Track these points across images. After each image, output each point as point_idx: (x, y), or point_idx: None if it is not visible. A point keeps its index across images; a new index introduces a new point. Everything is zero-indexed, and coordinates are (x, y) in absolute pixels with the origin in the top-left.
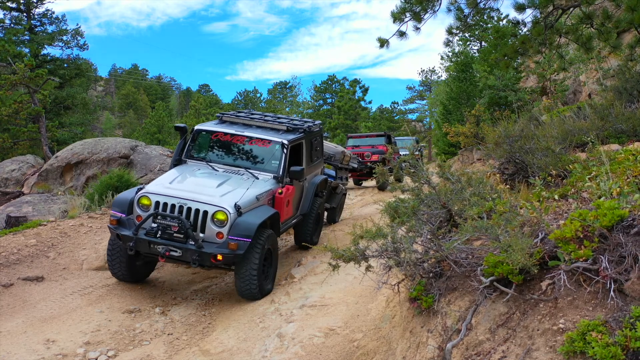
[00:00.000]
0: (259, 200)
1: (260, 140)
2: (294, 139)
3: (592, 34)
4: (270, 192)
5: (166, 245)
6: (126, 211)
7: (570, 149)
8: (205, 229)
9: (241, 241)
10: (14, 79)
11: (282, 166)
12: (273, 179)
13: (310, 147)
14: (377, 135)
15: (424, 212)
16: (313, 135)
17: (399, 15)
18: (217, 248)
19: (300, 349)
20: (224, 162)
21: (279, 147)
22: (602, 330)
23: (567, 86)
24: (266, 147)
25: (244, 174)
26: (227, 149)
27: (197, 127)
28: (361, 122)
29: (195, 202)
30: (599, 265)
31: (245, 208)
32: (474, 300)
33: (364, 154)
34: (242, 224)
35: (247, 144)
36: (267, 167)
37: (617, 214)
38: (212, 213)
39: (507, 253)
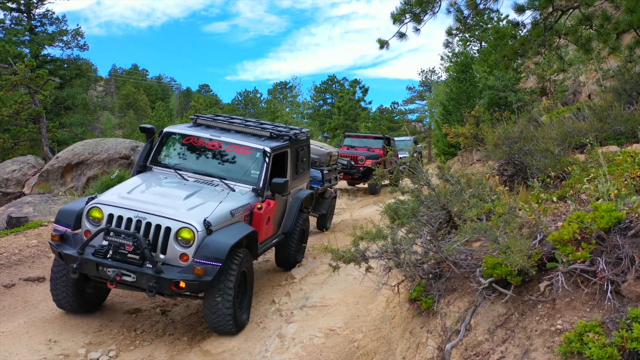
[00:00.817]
0: (233, 216)
1: (239, 146)
2: (278, 146)
3: (591, 35)
4: (248, 207)
5: (117, 269)
6: (72, 225)
7: (569, 150)
8: (167, 250)
9: (209, 265)
10: (14, 80)
11: (263, 177)
12: (252, 192)
13: (296, 158)
14: (375, 137)
15: (423, 214)
16: (299, 144)
17: (399, 16)
18: (180, 273)
19: (300, 349)
20: (196, 171)
21: (260, 155)
22: (599, 331)
23: (567, 87)
24: (245, 155)
25: (218, 185)
26: (200, 156)
27: (167, 130)
28: (361, 122)
29: (156, 216)
30: (597, 266)
31: (216, 225)
32: (473, 301)
33: (357, 157)
34: (211, 245)
35: (223, 151)
36: (245, 177)
37: (615, 216)
38: (176, 230)
39: (505, 254)
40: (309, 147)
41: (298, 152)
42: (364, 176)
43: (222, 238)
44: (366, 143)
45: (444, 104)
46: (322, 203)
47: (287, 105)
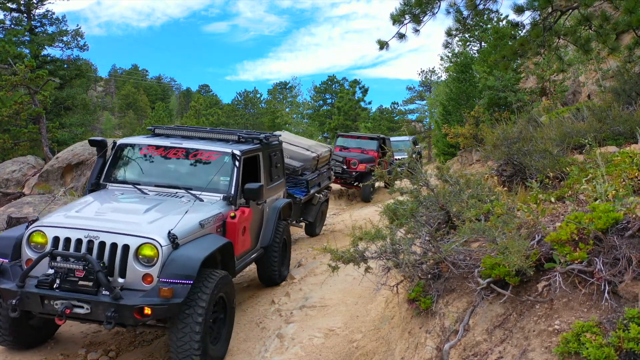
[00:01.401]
0: (203, 227)
1: (203, 152)
2: (249, 150)
3: (590, 36)
4: (220, 216)
5: (67, 300)
6: (10, 255)
7: (568, 151)
8: (127, 271)
9: (178, 285)
10: (14, 80)
11: (235, 183)
12: (223, 201)
13: (270, 163)
14: (370, 139)
15: (422, 214)
16: (272, 149)
17: (398, 17)
18: (144, 298)
19: (300, 350)
20: (158, 184)
21: (229, 159)
22: (596, 332)
23: (567, 87)
24: (212, 161)
25: (184, 197)
26: (160, 167)
27: (121, 142)
28: (361, 122)
29: (111, 233)
30: (594, 267)
31: (183, 238)
32: (471, 302)
33: (350, 161)
34: (179, 260)
35: (187, 159)
36: (214, 186)
37: (612, 216)
38: (136, 247)
39: (504, 255)
40: (282, 153)
41: (271, 157)
42: (357, 181)
43: (191, 252)
44: (360, 144)
45: (444, 104)
46: (310, 210)
47: (287, 106)
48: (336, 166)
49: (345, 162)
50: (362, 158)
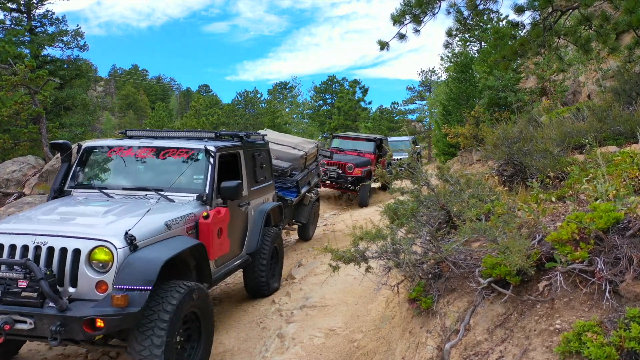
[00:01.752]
0: (170, 228)
1: (175, 150)
2: (225, 147)
3: (590, 36)
4: (191, 217)
5: (7, 314)
6: None
7: (569, 150)
8: (79, 279)
9: (135, 291)
10: (14, 80)
11: (209, 181)
12: (196, 201)
13: (253, 162)
14: (367, 140)
15: (423, 214)
16: (255, 148)
17: (399, 17)
18: (95, 308)
19: (300, 349)
20: (126, 187)
21: (203, 156)
22: (597, 331)
23: (567, 87)
24: (185, 159)
25: (154, 198)
26: (129, 169)
27: (87, 145)
28: (361, 122)
29: (61, 237)
30: (595, 266)
31: (144, 239)
32: (472, 301)
33: (345, 165)
34: (136, 263)
35: (157, 158)
36: (187, 185)
37: (613, 216)
38: (88, 251)
39: (504, 255)
40: (269, 153)
41: (255, 156)
42: (354, 185)
43: (152, 254)
44: (356, 146)
45: (444, 104)
46: (302, 211)
47: (287, 106)
48: (331, 171)
49: (341, 166)
50: (358, 162)
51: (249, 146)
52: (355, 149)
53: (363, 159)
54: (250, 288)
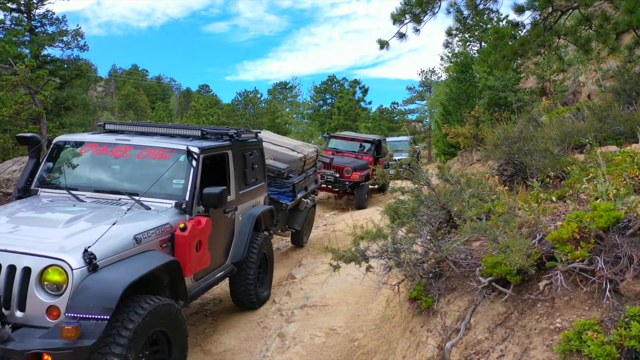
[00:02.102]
0: (139, 242)
1: (154, 149)
2: (212, 147)
3: (590, 36)
4: (167, 228)
5: None
6: None
7: (569, 150)
8: (27, 302)
9: (90, 320)
10: (15, 80)
11: (190, 187)
12: (174, 209)
13: (243, 163)
14: (365, 141)
15: (423, 214)
16: (246, 147)
17: (399, 17)
18: (43, 339)
19: (301, 349)
20: (99, 189)
21: (185, 158)
22: (597, 330)
23: (567, 87)
24: (164, 160)
25: (127, 204)
26: (103, 169)
27: (58, 139)
28: (361, 122)
29: (9, 252)
30: (595, 265)
31: (107, 257)
32: (472, 300)
33: (343, 169)
34: (93, 288)
35: (134, 158)
36: (165, 190)
37: (613, 215)
38: (40, 270)
39: (505, 254)
40: (262, 152)
41: (245, 156)
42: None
43: (114, 275)
44: (354, 147)
45: (444, 104)
46: (296, 217)
47: (287, 106)
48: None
49: (338, 170)
50: (356, 166)
51: (239, 145)
52: (353, 151)
53: (361, 162)
54: (236, 299)
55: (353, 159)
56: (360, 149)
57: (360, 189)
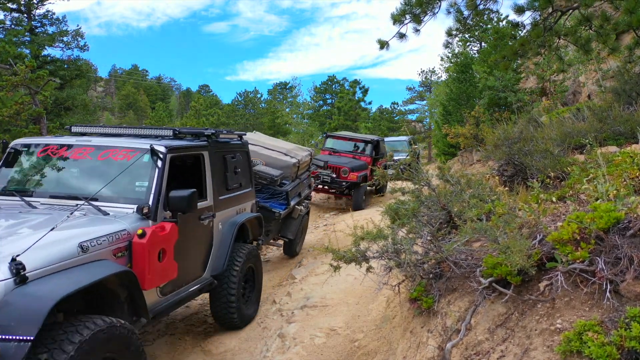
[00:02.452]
0: (86, 251)
1: (117, 150)
2: (182, 147)
3: (591, 36)
4: (123, 235)
5: None
6: None
7: (569, 151)
8: None
9: (11, 342)
10: (15, 80)
11: (154, 190)
12: (135, 214)
13: (223, 166)
14: (363, 141)
15: (424, 214)
16: (228, 150)
17: (399, 17)
18: None
19: (301, 349)
20: (54, 194)
21: (149, 157)
22: (598, 330)
23: (567, 87)
24: (127, 161)
25: (83, 209)
26: (61, 172)
27: (15, 142)
28: (361, 122)
29: None
30: (596, 266)
31: (40, 267)
32: (473, 301)
33: (340, 169)
34: (17, 303)
35: (95, 160)
36: (126, 193)
37: (613, 216)
38: None
39: (505, 254)
40: (248, 155)
41: (226, 159)
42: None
43: (44, 289)
44: (351, 147)
45: (444, 104)
46: (290, 225)
47: (287, 106)
48: (324, 175)
49: (335, 170)
50: (353, 166)
51: (219, 147)
52: (351, 152)
53: (359, 162)
54: (216, 316)
55: (350, 159)
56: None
57: (357, 189)
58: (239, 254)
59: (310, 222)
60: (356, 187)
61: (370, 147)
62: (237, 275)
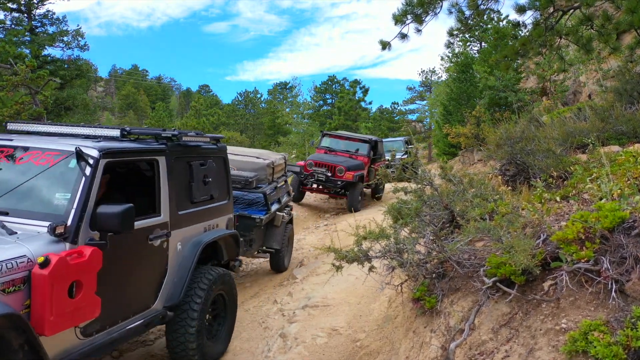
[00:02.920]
0: None
1: (40, 152)
2: (125, 150)
3: (592, 36)
4: (20, 264)
5: None
6: None
7: (571, 150)
8: None
9: None
10: (15, 80)
11: (77, 204)
12: (48, 234)
13: (187, 175)
14: (361, 141)
15: (426, 214)
16: (194, 155)
17: (401, 17)
18: None
19: (303, 349)
20: None
21: (75, 163)
22: (603, 330)
23: (567, 87)
24: (50, 167)
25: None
26: None
27: None
28: (361, 122)
29: None
30: (601, 266)
31: None
32: (476, 301)
33: (335, 167)
34: None
35: (13, 163)
36: (42, 207)
37: (618, 215)
38: None
39: (509, 254)
40: (226, 163)
41: (192, 166)
42: (344, 189)
43: None
44: (348, 146)
45: (445, 104)
46: (273, 234)
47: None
48: (319, 173)
49: (330, 168)
50: (350, 165)
51: (182, 152)
52: (347, 151)
53: (356, 161)
54: (172, 353)
55: (347, 158)
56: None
57: (353, 189)
58: (203, 280)
59: (310, 222)
60: (352, 187)
61: (367, 147)
62: (200, 305)
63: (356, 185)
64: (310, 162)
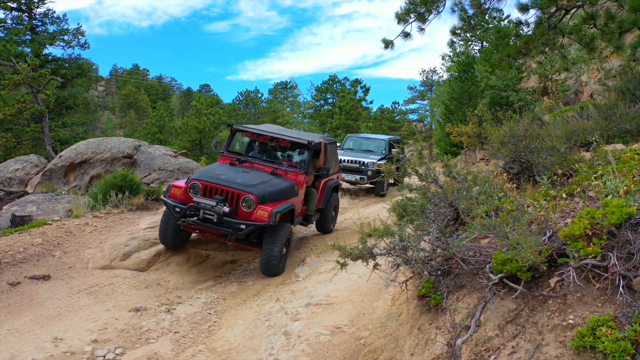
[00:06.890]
0: None
1: None
2: None
3: (595, 34)
4: None
5: None
6: None
7: (575, 148)
8: None
9: None
10: (17, 79)
11: None
12: None
13: None
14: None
15: (431, 211)
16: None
17: (404, 16)
18: None
19: (306, 347)
20: None
21: None
22: (611, 326)
23: (569, 86)
24: None
25: None
26: None
27: None
28: (362, 122)
29: None
30: (608, 262)
31: None
32: (482, 297)
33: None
34: None
35: None
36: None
37: (625, 211)
38: None
39: (516, 250)
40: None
41: None
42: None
43: None
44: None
45: (446, 104)
46: None
47: (288, 105)
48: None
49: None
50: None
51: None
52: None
53: (279, 182)
54: None
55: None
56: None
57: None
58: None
59: None
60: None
61: (306, 155)
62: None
63: (278, 231)
64: (194, 185)
